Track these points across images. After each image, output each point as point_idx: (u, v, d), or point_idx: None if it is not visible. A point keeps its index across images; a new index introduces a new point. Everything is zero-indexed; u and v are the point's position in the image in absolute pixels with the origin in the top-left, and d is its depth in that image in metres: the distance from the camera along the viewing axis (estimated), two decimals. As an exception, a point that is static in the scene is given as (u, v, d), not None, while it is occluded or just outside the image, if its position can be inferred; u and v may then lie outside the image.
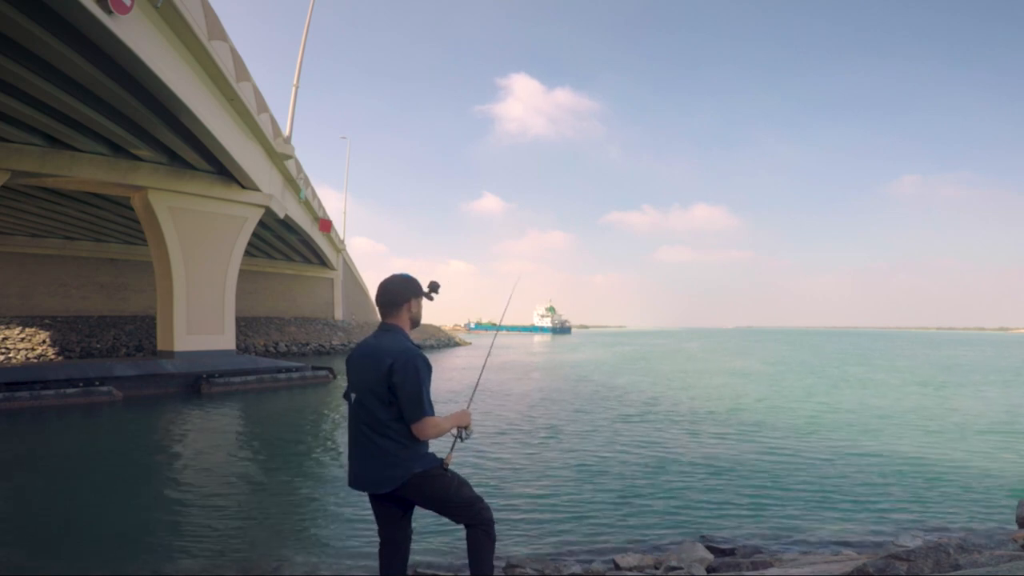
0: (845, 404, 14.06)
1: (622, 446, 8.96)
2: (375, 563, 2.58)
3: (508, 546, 4.67)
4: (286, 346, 30.89)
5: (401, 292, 2.44)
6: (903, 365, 28.54)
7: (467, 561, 2.41)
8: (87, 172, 14.66)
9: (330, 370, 18.87)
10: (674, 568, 3.83)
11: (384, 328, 2.43)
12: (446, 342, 44.71)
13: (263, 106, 16.50)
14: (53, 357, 23.19)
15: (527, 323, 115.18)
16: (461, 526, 2.41)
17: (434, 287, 2.51)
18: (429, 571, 4.04)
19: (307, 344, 32.15)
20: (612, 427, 10.67)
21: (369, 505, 2.43)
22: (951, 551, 2.58)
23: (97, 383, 13.82)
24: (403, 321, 2.44)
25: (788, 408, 13.36)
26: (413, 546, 2.54)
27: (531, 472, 7.37)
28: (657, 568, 4.00)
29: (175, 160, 15.77)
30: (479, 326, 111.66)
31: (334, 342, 33.59)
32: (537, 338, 77.47)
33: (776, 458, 8.15)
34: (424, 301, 2.51)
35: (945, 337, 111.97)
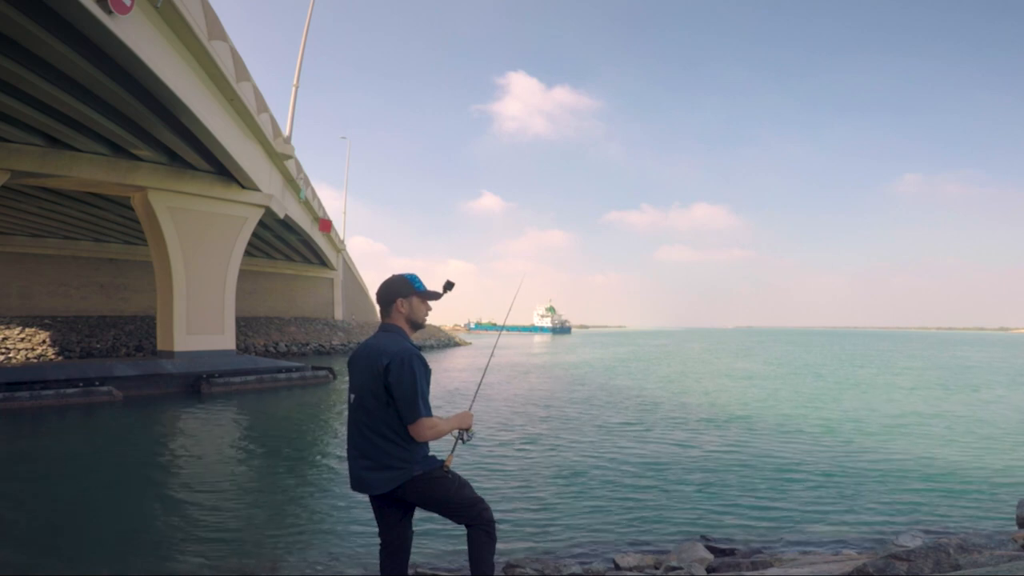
0: (857, 408, 13.52)
1: (622, 446, 8.96)
2: (376, 564, 2.58)
3: (508, 546, 4.67)
4: (286, 346, 30.90)
5: (387, 292, 2.43)
6: (914, 366, 28.02)
7: (467, 561, 2.41)
8: (87, 172, 14.66)
9: (330, 370, 18.87)
10: (674, 568, 3.83)
11: (384, 328, 2.43)
12: (446, 342, 44.70)
13: (263, 106, 16.50)
14: (53, 357, 23.19)
15: (527, 323, 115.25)
16: (462, 526, 2.41)
17: (448, 286, 2.49)
18: (430, 571, 4.04)
19: (307, 344, 32.15)
20: (612, 428, 10.68)
21: (369, 505, 2.43)
22: (951, 551, 2.58)
23: (97, 383, 13.81)
24: (398, 321, 2.43)
25: (792, 411, 13.33)
26: (413, 546, 2.54)
27: (531, 472, 7.37)
28: (657, 568, 4.00)
29: (175, 160, 15.77)
30: (479, 326, 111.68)
31: (334, 342, 33.59)
32: (537, 338, 77.46)
33: (777, 459, 8.15)
34: (428, 301, 2.49)
35: (947, 337, 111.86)
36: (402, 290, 2.43)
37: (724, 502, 6.14)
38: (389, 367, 2.23)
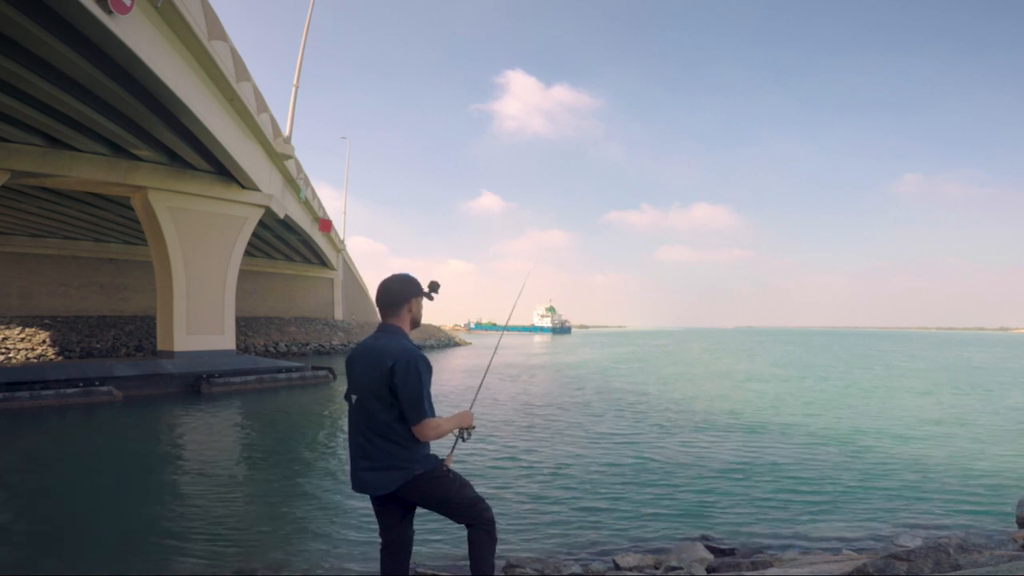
0: (875, 414, 12.58)
1: (622, 447, 8.96)
2: (376, 563, 2.58)
3: (508, 546, 4.67)
4: (286, 346, 30.90)
5: (401, 292, 2.42)
6: (919, 367, 27.49)
7: (468, 561, 2.41)
8: (87, 172, 14.66)
9: (330, 370, 18.88)
10: (674, 568, 3.83)
11: (384, 328, 2.42)
12: (446, 342, 44.71)
13: (263, 106, 16.50)
14: (53, 357, 23.19)
15: (527, 323, 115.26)
16: (462, 526, 2.41)
17: (434, 287, 2.50)
18: (430, 571, 4.04)
19: (307, 344, 32.16)
20: (612, 428, 10.68)
21: (370, 504, 2.44)
22: (951, 551, 2.58)
23: (97, 383, 13.82)
24: (403, 321, 2.43)
25: (799, 415, 13.30)
26: (414, 546, 2.54)
27: (531, 472, 7.37)
28: (657, 568, 4.00)
29: (175, 160, 15.78)
30: (479, 326, 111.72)
31: (334, 342, 33.60)
32: (537, 338, 77.46)
33: (777, 460, 8.15)
34: (424, 301, 2.51)
35: (947, 337, 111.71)
36: (415, 290, 2.45)
37: (724, 502, 6.14)
38: (394, 368, 2.23)
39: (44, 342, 24.43)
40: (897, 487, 6.75)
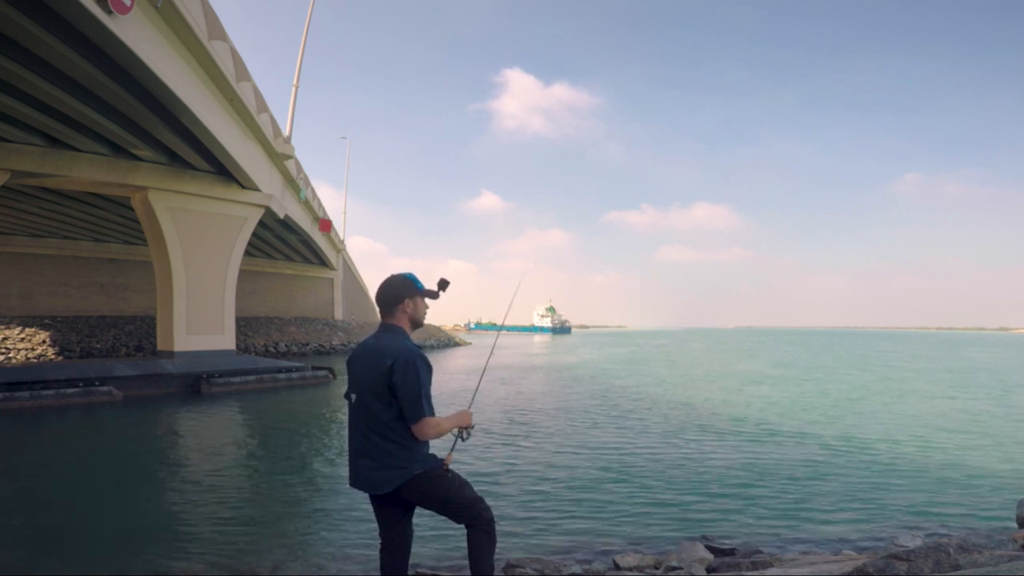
0: (869, 415, 12.66)
1: (622, 447, 8.96)
2: (376, 563, 2.58)
3: (508, 546, 4.67)
4: (286, 346, 30.90)
5: (396, 292, 2.43)
6: (923, 368, 27.27)
7: (467, 561, 2.41)
8: (87, 172, 14.66)
9: (330, 370, 18.88)
10: (674, 568, 3.83)
11: (384, 328, 2.43)
12: (446, 342, 44.71)
13: (263, 106, 16.50)
14: (53, 357, 23.19)
15: (527, 323, 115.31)
16: (462, 526, 2.41)
17: (443, 284, 2.50)
18: (430, 571, 4.04)
19: (307, 344, 32.16)
20: (612, 429, 10.68)
21: (370, 504, 2.43)
22: (951, 551, 2.58)
23: (97, 383, 13.82)
24: (401, 321, 2.43)
25: (803, 416, 13.29)
26: (413, 546, 2.54)
27: (531, 473, 7.37)
28: (657, 568, 4.00)
29: (175, 160, 15.78)
30: (479, 326, 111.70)
31: (334, 342, 33.60)
32: (537, 338, 77.46)
33: (776, 459, 8.15)
34: (428, 301, 2.50)
35: (947, 337, 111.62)
36: (408, 290, 2.44)
37: (724, 502, 6.14)
38: (394, 367, 2.23)
39: (44, 342, 24.43)
40: (897, 487, 6.75)
